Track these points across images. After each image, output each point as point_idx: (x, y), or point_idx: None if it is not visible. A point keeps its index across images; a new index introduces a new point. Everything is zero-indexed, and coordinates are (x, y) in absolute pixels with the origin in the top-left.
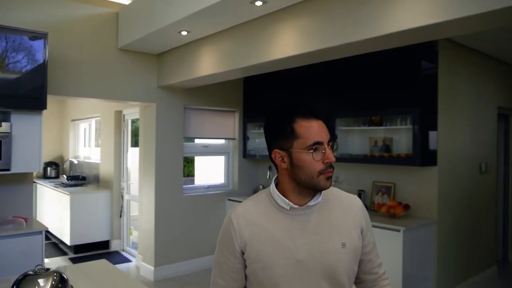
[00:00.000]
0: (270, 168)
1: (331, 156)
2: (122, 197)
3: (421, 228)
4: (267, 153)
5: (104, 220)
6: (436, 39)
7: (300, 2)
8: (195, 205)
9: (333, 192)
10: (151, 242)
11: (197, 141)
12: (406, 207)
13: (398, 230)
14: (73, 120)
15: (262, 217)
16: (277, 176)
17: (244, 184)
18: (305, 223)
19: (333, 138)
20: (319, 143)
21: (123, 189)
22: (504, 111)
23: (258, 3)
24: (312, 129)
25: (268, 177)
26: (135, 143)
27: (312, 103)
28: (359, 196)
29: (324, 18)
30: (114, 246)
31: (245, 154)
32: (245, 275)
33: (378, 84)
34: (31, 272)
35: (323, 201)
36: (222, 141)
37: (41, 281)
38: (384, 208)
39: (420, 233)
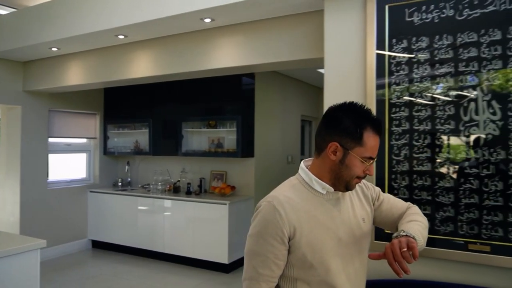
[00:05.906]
0: (128, 163)
1: (372, 171)
2: None
3: (242, 202)
4: (125, 151)
5: None
6: (247, 72)
7: (153, 38)
8: (59, 197)
9: None
10: (16, 232)
11: (59, 140)
12: (233, 188)
13: (225, 204)
14: None
15: (304, 203)
16: (306, 162)
17: (104, 178)
18: (337, 205)
19: None
20: (372, 158)
21: None
22: (308, 118)
23: (121, 37)
24: (374, 144)
25: (126, 171)
26: None
27: (164, 108)
28: (200, 182)
29: (169, 51)
30: None
31: (105, 151)
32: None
33: (214, 95)
34: None
35: None
36: (84, 140)
37: None
38: (217, 189)
39: (241, 205)
